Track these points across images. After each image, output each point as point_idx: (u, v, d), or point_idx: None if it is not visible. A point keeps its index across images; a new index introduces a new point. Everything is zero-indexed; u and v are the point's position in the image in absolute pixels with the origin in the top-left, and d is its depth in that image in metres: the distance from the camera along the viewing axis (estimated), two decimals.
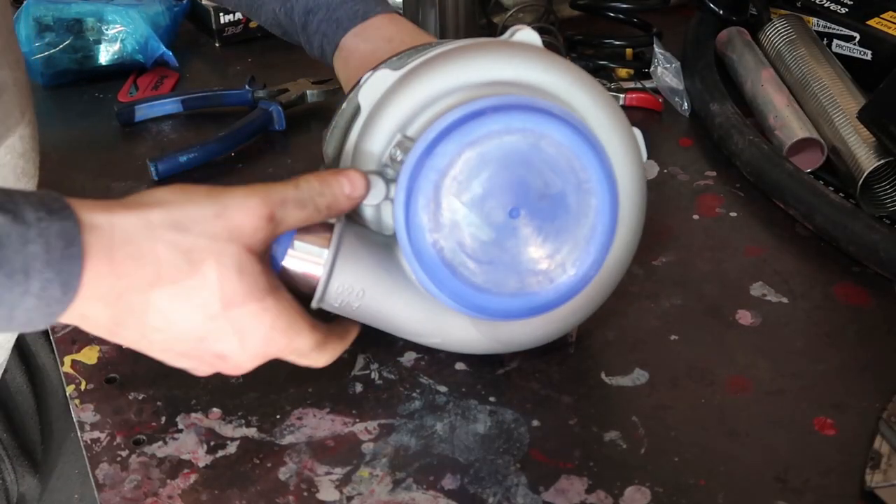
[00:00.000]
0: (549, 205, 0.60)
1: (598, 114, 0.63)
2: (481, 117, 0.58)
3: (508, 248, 0.60)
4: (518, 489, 0.61)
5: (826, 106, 0.91)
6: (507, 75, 0.62)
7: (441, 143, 0.58)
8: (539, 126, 0.58)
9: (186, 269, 0.53)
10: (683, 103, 1.00)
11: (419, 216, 0.58)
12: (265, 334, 0.56)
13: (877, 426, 0.64)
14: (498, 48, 0.64)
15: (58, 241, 0.49)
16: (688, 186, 0.89)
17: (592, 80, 0.65)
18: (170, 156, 0.92)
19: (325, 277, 0.61)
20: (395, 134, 0.62)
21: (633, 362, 0.70)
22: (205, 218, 0.54)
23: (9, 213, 0.48)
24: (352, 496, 0.61)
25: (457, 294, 0.60)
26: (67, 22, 1.06)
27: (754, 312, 0.74)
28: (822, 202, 0.81)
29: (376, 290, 0.62)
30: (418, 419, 0.66)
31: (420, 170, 0.58)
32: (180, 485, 0.62)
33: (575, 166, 0.60)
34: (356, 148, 0.64)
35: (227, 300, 0.54)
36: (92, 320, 0.53)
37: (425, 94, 0.62)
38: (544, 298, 0.61)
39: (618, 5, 1.09)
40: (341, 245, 0.61)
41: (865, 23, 1.00)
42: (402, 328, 0.65)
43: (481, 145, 0.58)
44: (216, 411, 0.67)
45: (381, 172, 0.62)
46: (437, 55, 0.64)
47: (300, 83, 1.03)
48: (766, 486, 0.61)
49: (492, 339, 0.66)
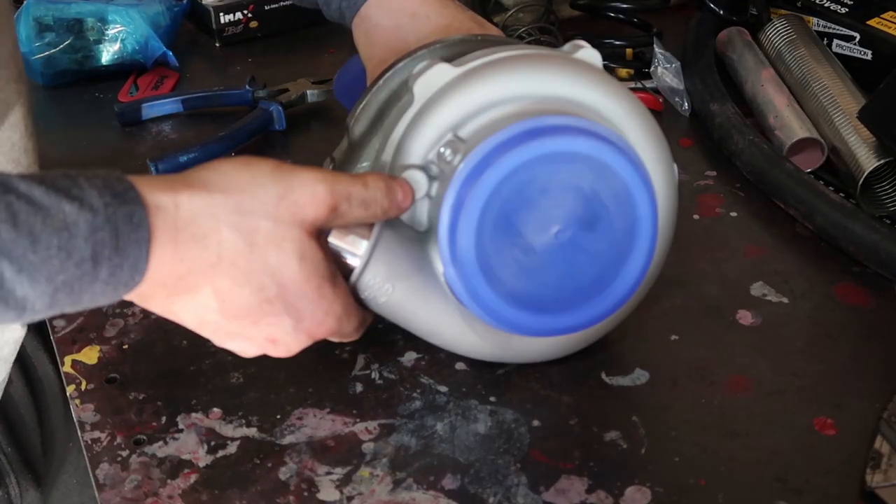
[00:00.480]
0: (595, 232, 0.60)
1: (647, 146, 0.63)
2: (548, 136, 0.57)
3: (547, 268, 0.60)
4: (518, 489, 0.61)
5: (826, 106, 0.91)
6: (568, 93, 0.62)
7: (502, 155, 0.57)
8: (602, 154, 0.58)
9: (247, 251, 0.53)
10: (683, 103, 1.00)
11: (467, 223, 0.58)
12: (320, 319, 0.57)
13: (877, 426, 0.64)
14: (563, 64, 0.64)
15: (125, 226, 0.49)
16: (688, 186, 0.89)
17: (645, 109, 0.64)
18: (170, 156, 0.92)
19: (360, 269, 0.60)
20: (447, 132, 0.61)
21: (633, 362, 0.70)
22: (269, 199, 0.53)
23: (75, 201, 0.48)
24: (352, 496, 0.61)
25: (488, 305, 0.60)
26: (67, 22, 1.06)
27: (754, 312, 0.74)
28: (822, 202, 0.81)
29: (405, 288, 0.62)
30: (418, 419, 0.66)
31: (478, 178, 0.57)
32: (180, 485, 0.62)
33: (625, 200, 0.60)
34: (403, 138, 0.63)
35: (285, 285, 0.54)
36: (150, 298, 0.53)
37: (485, 98, 0.61)
38: (573, 321, 0.62)
39: (618, 5, 1.10)
40: (380, 240, 0.60)
41: (865, 23, 1.00)
42: (422, 329, 0.65)
43: (542, 164, 0.58)
44: (216, 411, 0.67)
45: (426, 168, 0.61)
46: (501, 59, 0.63)
47: (300, 83, 1.03)
48: (766, 486, 0.61)
49: (505, 349, 0.67)
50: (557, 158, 0.58)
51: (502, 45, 0.66)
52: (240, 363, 0.70)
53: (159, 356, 0.71)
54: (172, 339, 0.73)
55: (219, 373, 0.70)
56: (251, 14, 1.17)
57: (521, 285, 0.60)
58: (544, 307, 0.61)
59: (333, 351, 0.71)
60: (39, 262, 0.47)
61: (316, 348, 0.71)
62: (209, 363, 0.70)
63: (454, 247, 0.58)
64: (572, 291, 0.61)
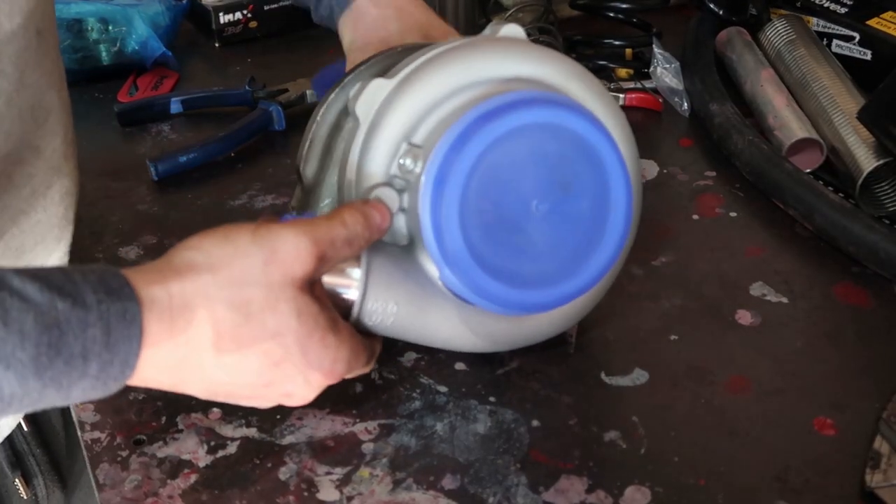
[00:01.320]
0: (572, 198, 0.61)
1: (597, 105, 0.64)
2: (501, 115, 0.58)
3: (537, 242, 0.61)
4: (518, 489, 0.61)
5: (826, 106, 0.91)
6: (502, 71, 0.62)
7: (463, 147, 0.58)
8: (556, 118, 0.59)
9: (245, 322, 0.53)
10: (683, 103, 1.00)
11: (449, 221, 0.58)
12: (328, 368, 0.57)
13: (877, 426, 0.64)
14: (492, 45, 0.64)
15: (118, 323, 0.49)
16: (688, 186, 0.89)
17: (586, 70, 0.65)
18: (170, 156, 0.92)
19: (360, 298, 0.60)
20: (401, 142, 0.61)
21: (633, 362, 0.70)
22: (256, 267, 0.54)
23: (68, 298, 0.48)
24: (352, 496, 0.61)
25: (492, 294, 0.60)
26: (67, 22, 1.06)
27: (754, 312, 0.74)
28: (821, 202, 0.81)
29: (409, 302, 0.62)
30: (418, 419, 0.66)
31: (447, 175, 0.58)
32: (180, 485, 0.62)
33: (594, 161, 0.60)
34: (360, 162, 0.62)
35: (288, 346, 0.55)
36: (153, 382, 0.54)
37: (427, 100, 0.61)
38: (567, 290, 0.62)
39: (617, 5, 1.09)
40: (371, 265, 0.60)
41: (865, 23, 1.00)
42: (433, 338, 0.65)
43: (505, 143, 0.58)
44: (216, 411, 0.67)
45: (391, 183, 0.61)
46: (430, 58, 0.63)
47: (300, 83, 1.03)
48: (766, 486, 0.61)
49: (515, 335, 0.67)
50: (513, 135, 0.58)
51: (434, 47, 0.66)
52: None
53: None
54: None
55: None
56: (251, 14, 1.17)
57: (518, 266, 0.61)
58: (545, 281, 0.61)
59: None
60: (28, 359, 0.47)
61: None
62: None
63: (444, 248, 0.59)
64: (566, 259, 0.62)
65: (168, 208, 0.87)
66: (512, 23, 0.66)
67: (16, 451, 0.89)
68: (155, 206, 0.87)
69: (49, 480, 0.91)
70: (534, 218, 0.60)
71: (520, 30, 0.66)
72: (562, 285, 0.62)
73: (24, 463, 0.89)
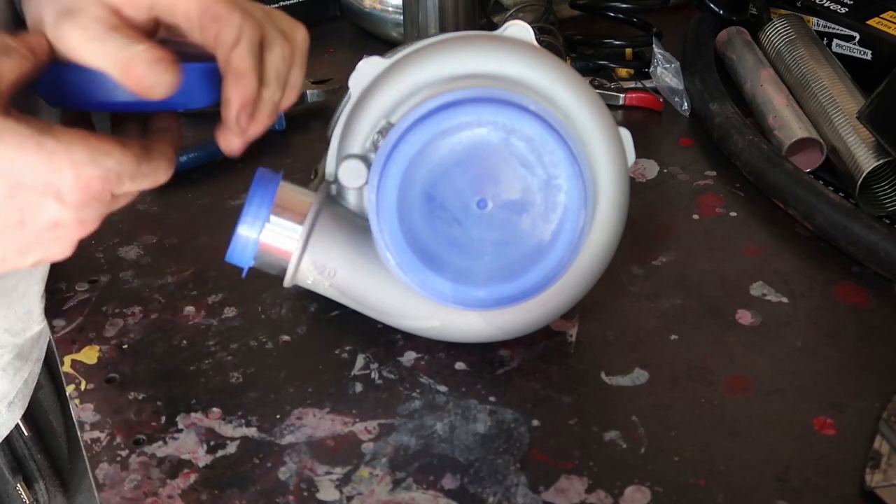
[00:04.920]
0: (518, 198, 0.61)
1: (581, 111, 0.64)
2: (452, 108, 0.59)
3: (475, 239, 0.62)
4: (518, 489, 0.61)
5: (826, 106, 0.91)
6: (490, 69, 0.64)
7: (412, 131, 0.60)
8: (510, 120, 0.60)
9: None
10: (683, 103, 1.00)
11: (389, 201, 0.60)
12: (74, 175, 0.50)
13: (877, 426, 0.64)
14: (484, 41, 0.65)
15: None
16: (688, 186, 0.89)
17: (578, 77, 0.65)
18: None
19: (298, 253, 0.63)
20: (381, 120, 0.64)
21: (633, 362, 0.70)
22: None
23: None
24: (352, 496, 0.61)
25: (423, 280, 0.62)
26: None
27: (754, 312, 0.74)
28: (821, 202, 0.81)
29: (349, 270, 0.65)
30: (418, 419, 0.66)
31: (392, 156, 0.60)
32: (180, 485, 0.62)
33: (545, 161, 0.61)
34: (343, 131, 0.66)
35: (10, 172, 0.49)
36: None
37: (411, 83, 0.64)
38: (511, 291, 0.63)
39: (617, 5, 1.09)
40: (316, 223, 0.63)
41: (865, 23, 1.00)
42: (374, 309, 0.67)
43: (451, 136, 0.60)
44: (216, 411, 0.67)
45: (365, 157, 0.64)
46: (426, 45, 0.65)
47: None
48: (766, 486, 0.61)
49: (465, 326, 0.68)
50: (466, 129, 0.60)
51: (442, 35, 0.68)
52: (239, 363, 0.70)
53: (159, 356, 0.71)
54: (172, 338, 0.73)
55: (218, 372, 0.70)
56: None
57: (457, 259, 0.62)
58: (484, 279, 0.62)
59: (333, 351, 0.71)
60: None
61: (316, 348, 0.72)
62: (209, 363, 0.70)
63: (382, 226, 0.61)
64: (510, 261, 0.62)
65: (168, 208, 0.87)
66: (521, 21, 0.67)
67: (16, 456, 0.89)
68: (155, 206, 0.87)
69: (50, 485, 0.91)
70: (476, 215, 0.62)
71: (527, 29, 0.67)
72: (501, 286, 0.62)
73: (25, 468, 0.89)
